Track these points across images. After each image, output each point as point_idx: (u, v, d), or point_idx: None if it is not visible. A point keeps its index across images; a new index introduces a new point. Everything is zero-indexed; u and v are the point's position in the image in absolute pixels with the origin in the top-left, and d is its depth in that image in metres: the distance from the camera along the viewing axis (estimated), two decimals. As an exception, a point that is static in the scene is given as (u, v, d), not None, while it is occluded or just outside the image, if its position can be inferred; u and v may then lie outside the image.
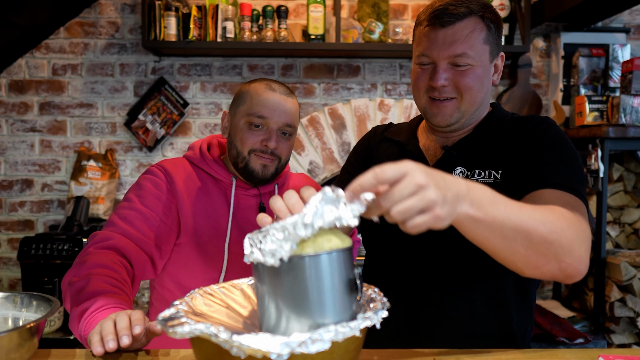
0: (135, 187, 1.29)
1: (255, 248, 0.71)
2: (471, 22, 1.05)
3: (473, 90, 1.07)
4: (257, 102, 1.26)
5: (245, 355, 0.64)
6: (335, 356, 0.70)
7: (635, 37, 2.63)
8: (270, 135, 1.26)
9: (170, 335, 0.71)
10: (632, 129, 2.16)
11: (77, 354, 0.92)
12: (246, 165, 1.28)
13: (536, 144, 1.04)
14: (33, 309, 0.95)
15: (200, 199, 1.29)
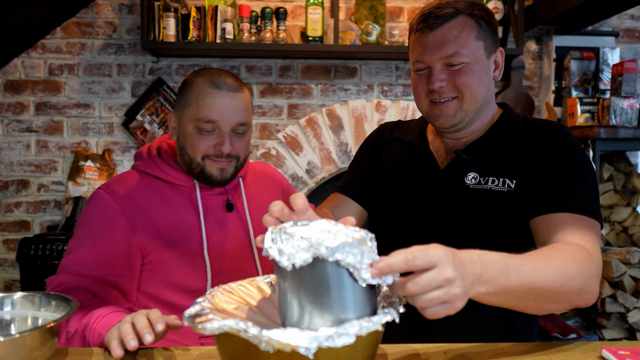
0: (84, 219, 1.18)
1: (275, 246, 0.73)
2: (459, 21, 1.05)
3: (472, 88, 1.07)
4: (203, 105, 1.15)
5: (274, 350, 0.66)
6: (358, 350, 0.72)
7: (623, 41, 2.71)
8: (222, 138, 1.16)
9: (198, 332, 0.73)
10: (622, 130, 2.23)
11: (94, 353, 0.93)
12: (202, 170, 1.19)
13: (552, 157, 1.04)
14: (52, 308, 0.95)
15: (163, 211, 1.19)
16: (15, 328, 0.95)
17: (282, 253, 0.71)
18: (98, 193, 1.20)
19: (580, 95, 2.54)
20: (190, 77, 1.21)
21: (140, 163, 1.24)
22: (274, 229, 0.75)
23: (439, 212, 1.12)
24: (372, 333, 0.72)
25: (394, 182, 1.20)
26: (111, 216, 1.16)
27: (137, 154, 1.28)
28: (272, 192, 1.38)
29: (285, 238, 0.73)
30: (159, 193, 1.20)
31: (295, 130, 2.60)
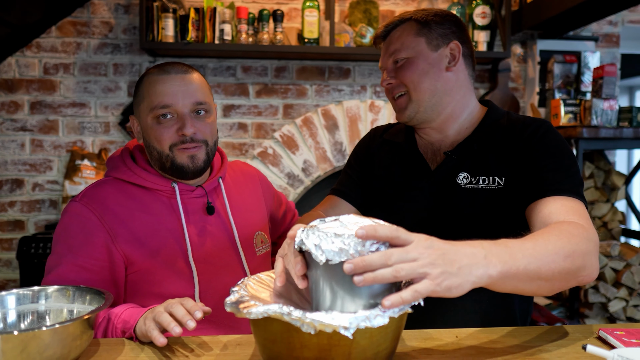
0: (61, 234, 1.13)
1: (309, 240, 0.78)
2: (403, 27, 1.18)
3: (415, 79, 1.14)
4: (154, 93, 1.12)
5: (315, 331, 0.72)
6: (389, 331, 0.79)
7: (602, 45, 2.85)
8: (183, 122, 1.12)
9: (243, 316, 0.78)
10: (603, 130, 2.36)
11: (125, 343, 0.97)
12: (172, 162, 1.14)
13: (537, 150, 1.10)
14: (86, 301, 0.98)
15: (142, 218, 1.15)
16: (50, 320, 0.99)
17: (317, 248, 0.77)
18: (72, 206, 1.14)
19: (564, 97, 2.67)
20: (141, 76, 1.20)
21: (115, 171, 1.19)
22: (305, 228, 0.80)
23: (433, 212, 1.18)
24: (401, 315, 0.79)
25: (388, 184, 1.25)
26: (89, 229, 1.11)
27: (109, 160, 1.22)
28: (253, 191, 1.37)
29: (319, 234, 0.78)
30: (137, 200, 1.16)
31: (291, 129, 2.66)
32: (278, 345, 0.79)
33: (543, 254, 0.85)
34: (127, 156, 1.20)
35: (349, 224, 0.79)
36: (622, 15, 2.85)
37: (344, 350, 0.76)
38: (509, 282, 0.82)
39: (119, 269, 1.13)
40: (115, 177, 1.18)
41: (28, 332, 0.80)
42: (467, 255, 0.77)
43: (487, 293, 1.15)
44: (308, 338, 0.75)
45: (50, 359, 0.83)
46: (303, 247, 0.79)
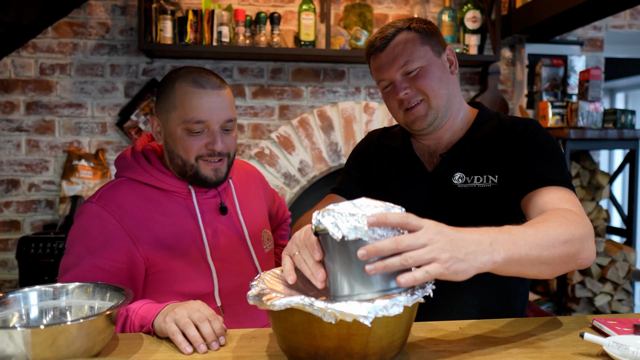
0: (79, 235, 1.13)
1: (325, 220, 0.82)
2: (402, 37, 1.19)
3: (433, 86, 1.18)
4: (190, 107, 1.13)
5: (336, 321, 0.77)
6: (403, 320, 0.85)
7: (587, 49, 2.95)
8: (214, 137, 1.15)
9: (266, 308, 0.82)
10: (589, 131, 2.45)
11: (144, 338, 1.01)
12: (196, 173, 1.17)
13: (528, 146, 1.16)
14: (106, 298, 1.01)
15: (161, 220, 1.17)
16: (72, 315, 1.02)
17: (334, 225, 0.81)
18: (90, 207, 1.15)
19: (551, 99, 2.76)
20: (169, 79, 1.18)
21: (128, 171, 1.20)
22: (321, 211, 0.84)
23: (431, 212, 1.22)
24: (414, 305, 0.85)
25: (387, 186, 1.30)
26: (109, 231, 1.12)
27: (120, 160, 1.22)
28: (256, 189, 1.41)
29: (334, 214, 0.82)
30: (154, 202, 1.18)
31: (287, 130, 2.71)
32: (299, 335, 0.83)
33: (544, 240, 0.89)
34: (141, 157, 1.21)
35: (362, 206, 0.83)
36: (606, 20, 2.96)
37: (362, 339, 0.80)
38: (512, 267, 0.86)
39: (139, 270, 1.15)
40: (130, 178, 1.19)
41: (57, 326, 0.84)
42: (473, 242, 0.82)
43: (487, 287, 1.22)
44: (328, 328, 0.79)
45: (76, 352, 0.86)
46: (320, 227, 0.82)
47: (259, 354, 0.93)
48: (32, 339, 0.82)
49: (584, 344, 0.96)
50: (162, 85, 1.19)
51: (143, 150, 1.24)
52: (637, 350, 0.86)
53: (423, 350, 0.94)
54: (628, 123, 2.53)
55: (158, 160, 1.23)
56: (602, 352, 0.91)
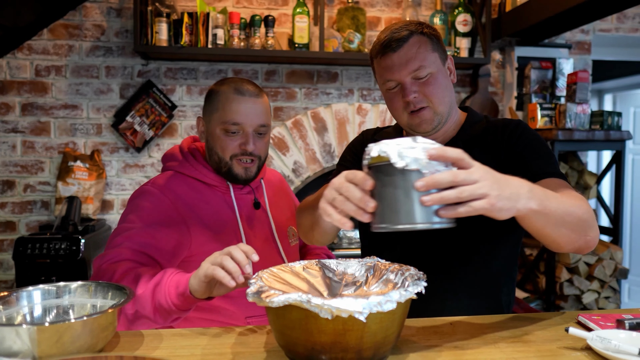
0: (135, 211, 1.27)
1: (391, 147, 0.84)
2: (415, 40, 1.22)
3: (440, 93, 1.23)
4: (229, 109, 1.30)
5: (332, 316, 0.81)
6: (396, 316, 0.88)
7: (575, 52, 3.02)
8: (247, 139, 1.31)
9: (265, 305, 0.85)
10: (577, 133, 2.51)
11: (144, 335, 1.03)
12: (229, 169, 1.33)
13: (519, 145, 1.24)
14: (109, 296, 1.04)
15: (206, 210, 1.32)
16: (74, 313, 1.05)
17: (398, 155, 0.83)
18: (147, 189, 1.30)
19: (540, 101, 2.82)
20: (215, 87, 1.37)
21: (176, 164, 1.37)
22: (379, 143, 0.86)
23: None
24: (406, 301, 0.88)
25: None
26: (165, 211, 1.27)
27: (168, 156, 1.40)
28: (282, 190, 1.57)
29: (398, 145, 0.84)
30: (199, 192, 1.34)
31: (282, 131, 2.74)
32: (296, 331, 0.86)
33: (568, 204, 0.98)
34: (188, 154, 1.38)
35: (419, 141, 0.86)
36: (594, 24, 3.02)
37: (357, 334, 0.84)
38: (540, 220, 0.93)
39: (182, 251, 1.27)
40: (177, 171, 1.35)
41: (62, 324, 0.86)
42: (515, 185, 0.88)
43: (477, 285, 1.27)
44: (324, 324, 0.83)
45: (80, 348, 0.89)
46: (382, 155, 0.84)
47: (257, 350, 0.96)
48: (38, 336, 0.85)
49: (569, 338, 1.00)
50: (209, 92, 1.38)
51: (189, 149, 1.40)
52: (618, 344, 0.90)
53: (415, 345, 0.98)
54: (615, 124, 2.59)
55: (202, 158, 1.39)
56: (586, 346, 0.95)
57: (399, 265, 1.03)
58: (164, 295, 1.10)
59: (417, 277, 0.95)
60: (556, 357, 0.92)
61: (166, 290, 1.10)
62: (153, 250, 1.22)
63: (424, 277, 0.95)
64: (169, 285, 1.10)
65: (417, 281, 0.93)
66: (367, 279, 1.06)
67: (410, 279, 0.97)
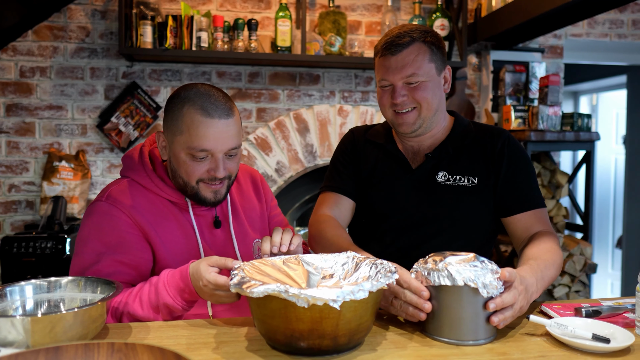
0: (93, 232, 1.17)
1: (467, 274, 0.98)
2: (415, 48, 1.29)
3: (427, 100, 1.31)
4: (195, 135, 1.14)
5: (309, 305, 0.87)
6: (369, 305, 0.95)
7: (548, 57, 3.13)
8: (216, 164, 1.17)
9: (246, 295, 0.91)
10: (549, 134, 2.61)
11: (132, 327, 1.08)
12: (196, 194, 1.21)
13: (509, 166, 1.35)
14: (98, 291, 1.08)
15: (164, 225, 1.21)
16: (65, 306, 1.09)
17: (451, 278, 0.99)
18: (100, 205, 1.18)
19: (514, 103, 2.92)
20: (178, 101, 1.18)
21: (133, 173, 1.23)
22: (448, 267, 1.00)
23: (416, 204, 1.38)
24: (378, 292, 0.95)
25: (374, 180, 1.43)
26: (122, 227, 1.17)
27: (127, 159, 1.26)
28: (255, 191, 1.45)
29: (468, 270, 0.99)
30: (157, 206, 1.22)
31: (265, 132, 2.80)
32: (276, 320, 0.92)
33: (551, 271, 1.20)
34: (147, 161, 1.24)
35: (482, 261, 1.01)
36: (566, 29, 3.14)
37: (333, 322, 0.90)
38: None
39: (149, 266, 1.21)
40: (133, 180, 1.23)
41: (55, 315, 0.92)
42: (532, 285, 1.08)
43: None
44: (302, 312, 0.89)
45: (72, 338, 0.94)
46: (457, 284, 0.98)
47: (239, 339, 1.02)
48: (32, 327, 0.90)
49: (530, 325, 1.08)
50: (171, 104, 1.19)
51: (150, 153, 1.28)
52: (574, 329, 0.98)
53: (388, 333, 1.05)
54: (585, 126, 2.71)
55: (162, 167, 1.27)
56: (545, 332, 1.03)
57: (374, 259, 1.10)
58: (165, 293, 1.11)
59: (389, 270, 1.03)
60: (517, 342, 1.00)
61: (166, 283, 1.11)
62: (125, 276, 1.17)
63: (395, 270, 1.02)
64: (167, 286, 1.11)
65: (389, 274, 1.00)
66: (343, 272, 1.13)
67: (383, 271, 1.04)
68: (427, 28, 1.36)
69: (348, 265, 1.13)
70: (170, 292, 1.10)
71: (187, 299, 1.11)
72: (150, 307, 1.11)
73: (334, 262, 1.14)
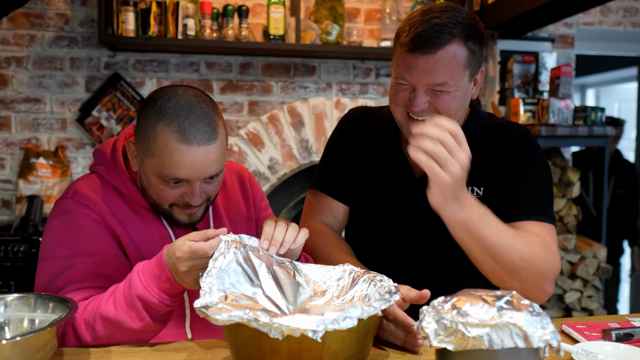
0: (61, 233, 1.03)
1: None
2: (453, 49, 1.02)
3: (451, 112, 1.07)
4: (169, 162, 0.97)
5: (283, 336, 0.72)
6: (361, 334, 0.80)
7: (559, 46, 2.96)
8: (192, 191, 1.01)
9: (211, 321, 0.76)
10: (560, 128, 2.45)
11: (91, 352, 0.95)
12: (169, 215, 1.06)
13: (514, 166, 1.12)
14: (49, 310, 0.94)
15: (136, 226, 1.08)
16: (10, 330, 0.94)
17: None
18: (66, 203, 1.05)
19: (522, 95, 2.76)
20: (153, 113, 0.98)
21: (103, 168, 1.09)
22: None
23: (415, 216, 1.19)
24: (372, 318, 0.80)
25: (371, 185, 1.24)
26: (93, 225, 1.04)
27: (97, 154, 1.12)
28: (240, 197, 1.29)
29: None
30: (130, 207, 1.09)
31: (257, 126, 2.64)
32: (249, 350, 0.79)
33: (505, 241, 0.97)
34: (120, 161, 1.08)
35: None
36: (577, 17, 2.96)
37: (315, 355, 0.76)
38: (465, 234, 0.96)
39: (126, 268, 1.06)
40: (102, 176, 1.09)
41: (-15, 346, 0.76)
42: (464, 192, 0.93)
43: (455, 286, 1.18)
44: (278, 343, 0.75)
45: (9, 372, 0.79)
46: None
47: (210, 368, 0.87)
48: (-43, 361, 0.75)
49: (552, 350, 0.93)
50: (143, 114, 1.01)
51: (125, 149, 1.11)
52: (605, 358, 0.85)
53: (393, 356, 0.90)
54: (598, 120, 2.54)
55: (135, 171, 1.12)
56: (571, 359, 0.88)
57: (372, 275, 0.94)
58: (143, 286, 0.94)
59: (387, 290, 0.87)
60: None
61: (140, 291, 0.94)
62: (103, 280, 1.02)
63: (396, 291, 0.86)
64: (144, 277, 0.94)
65: (387, 295, 0.84)
66: (338, 289, 0.98)
67: (382, 291, 0.88)
68: (471, 16, 1.06)
69: (344, 281, 0.98)
70: (144, 281, 0.93)
71: (164, 289, 0.93)
72: (124, 304, 0.94)
73: (329, 275, 1.00)
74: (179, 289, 0.94)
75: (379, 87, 2.77)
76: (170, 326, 1.09)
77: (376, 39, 2.70)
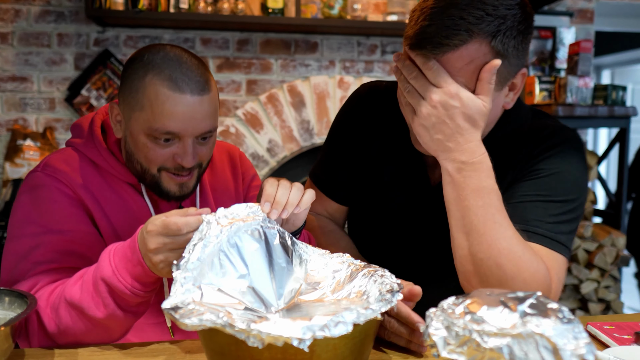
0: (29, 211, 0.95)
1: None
2: (469, 52, 0.80)
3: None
4: (160, 113, 0.90)
5: (264, 344, 0.60)
6: (357, 341, 0.68)
7: (577, 21, 2.79)
8: (184, 150, 0.94)
9: (179, 326, 0.65)
10: (579, 108, 2.30)
11: (55, 353, 0.85)
12: (157, 184, 0.99)
13: (534, 172, 0.91)
14: (4, 305, 0.85)
15: (114, 203, 1.00)
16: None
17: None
18: (35, 177, 0.97)
19: (538, 74, 2.60)
20: (140, 65, 0.92)
21: (79, 141, 1.01)
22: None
23: (425, 225, 1.05)
24: (370, 322, 0.67)
25: (377, 183, 1.08)
26: (65, 200, 0.96)
27: (75, 127, 1.04)
28: (229, 176, 1.19)
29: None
30: (106, 182, 1.01)
31: (255, 107, 2.52)
32: (226, 358, 0.67)
33: (494, 229, 0.82)
34: (98, 133, 1.00)
35: None
36: (597, -10, 2.79)
37: (303, 365, 0.64)
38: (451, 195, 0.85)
39: (101, 243, 0.97)
40: (79, 150, 1.00)
41: None
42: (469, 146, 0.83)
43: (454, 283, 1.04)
44: (259, 352, 0.63)
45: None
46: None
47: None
48: None
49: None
50: (130, 69, 0.94)
51: (104, 123, 1.04)
52: None
53: None
54: (619, 100, 2.39)
55: (116, 141, 1.03)
56: (601, 368, 0.77)
57: (373, 269, 0.82)
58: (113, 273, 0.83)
59: (389, 289, 0.74)
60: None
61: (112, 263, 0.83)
62: (75, 259, 0.93)
63: (399, 289, 0.74)
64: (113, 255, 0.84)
65: (389, 294, 0.72)
66: (333, 283, 0.86)
67: (382, 289, 0.75)
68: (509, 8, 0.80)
69: (341, 274, 0.86)
70: (114, 263, 0.82)
71: (136, 276, 0.81)
72: (91, 287, 0.83)
73: (324, 263, 0.88)
74: (153, 277, 0.82)
75: (384, 65, 2.62)
76: (151, 323, 0.99)
77: (382, 13, 2.54)
